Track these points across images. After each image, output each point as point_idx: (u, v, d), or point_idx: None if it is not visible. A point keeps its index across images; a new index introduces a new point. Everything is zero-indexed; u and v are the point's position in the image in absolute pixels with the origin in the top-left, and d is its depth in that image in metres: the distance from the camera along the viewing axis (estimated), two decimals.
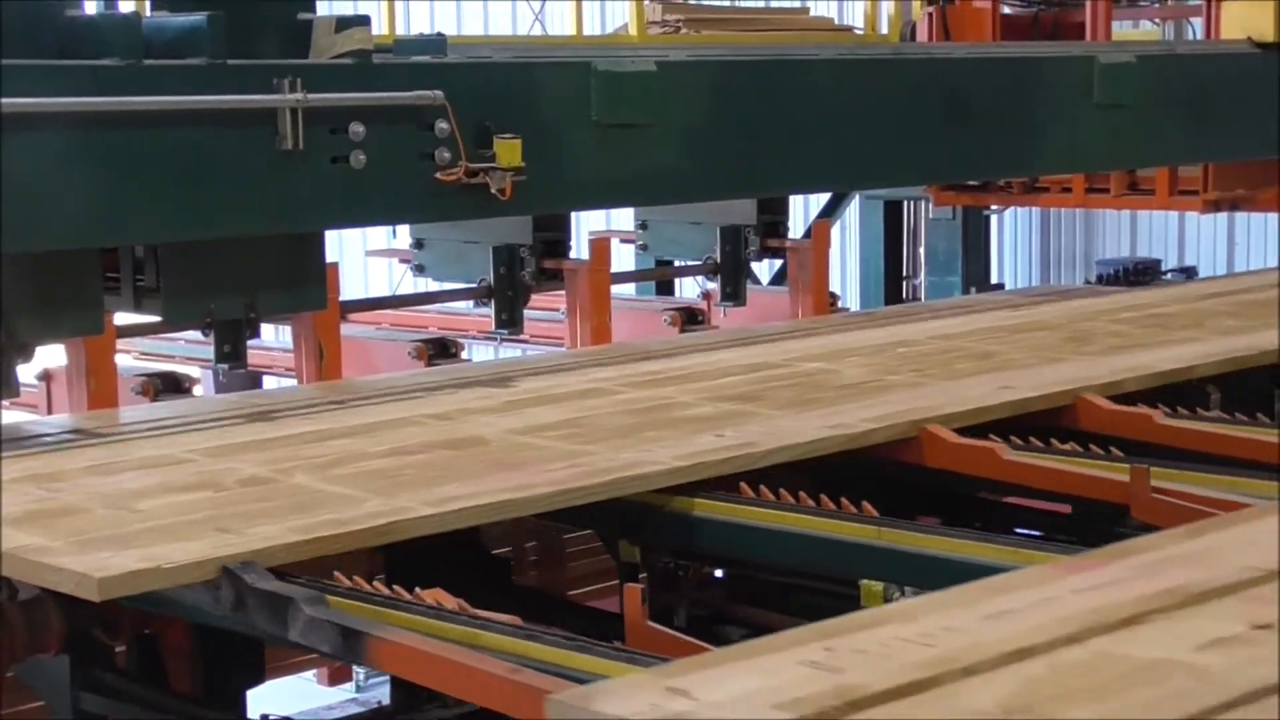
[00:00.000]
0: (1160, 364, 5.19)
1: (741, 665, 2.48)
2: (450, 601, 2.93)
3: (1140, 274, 8.97)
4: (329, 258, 4.89)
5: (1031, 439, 4.40)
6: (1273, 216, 10.19)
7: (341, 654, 2.82)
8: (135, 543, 3.14)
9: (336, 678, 5.37)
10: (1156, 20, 8.31)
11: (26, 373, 4.93)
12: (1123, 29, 7.89)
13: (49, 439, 4.39)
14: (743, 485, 3.84)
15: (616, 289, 7.49)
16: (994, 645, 2.44)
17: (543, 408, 4.68)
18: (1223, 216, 10.02)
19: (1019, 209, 9.79)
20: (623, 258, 8.52)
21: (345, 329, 6.50)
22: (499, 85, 4.61)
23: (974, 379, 5.08)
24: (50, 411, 5.57)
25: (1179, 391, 4.94)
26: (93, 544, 3.15)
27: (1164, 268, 10.60)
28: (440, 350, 6.63)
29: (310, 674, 5.01)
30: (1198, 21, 7.69)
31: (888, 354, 5.60)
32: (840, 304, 8.38)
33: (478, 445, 4.18)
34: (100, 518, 3.42)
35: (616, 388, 5.02)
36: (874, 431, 4.30)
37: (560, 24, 12.85)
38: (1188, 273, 10.39)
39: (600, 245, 7.33)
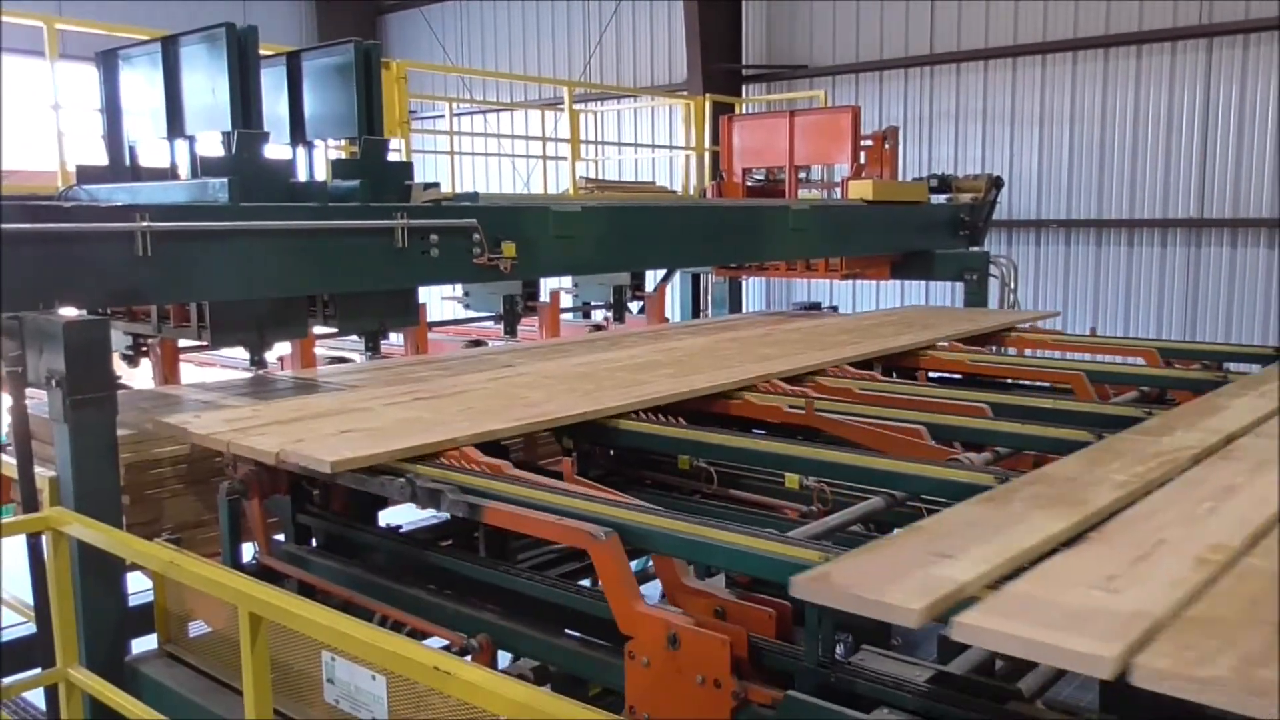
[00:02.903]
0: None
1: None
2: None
3: (812, 308, 9.11)
4: (421, 300, 4.80)
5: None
6: (873, 283, 10.37)
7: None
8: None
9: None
10: (818, 189, 8.39)
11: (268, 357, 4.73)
12: (804, 193, 7.95)
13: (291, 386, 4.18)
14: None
15: (562, 316, 7.42)
16: None
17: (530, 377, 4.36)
18: (850, 283, 10.12)
19: (755, 278, 9.82)
20: (565, 300, 8.41)
21: (429, 335, 6.38)
22: (504, 217, 4.54)
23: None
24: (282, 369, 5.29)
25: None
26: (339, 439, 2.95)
27: (823, 306, 10.77)
28: (475, 344, 6.53)
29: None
30: (838, 191, 7.79)
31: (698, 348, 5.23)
32: (671, 322, 8.37)
33: (504, 394, 3.87)
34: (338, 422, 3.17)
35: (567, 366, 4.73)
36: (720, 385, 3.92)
37: (536, 185, 12.72)
38: (834, 309, 10.51)
39: (555, 294, 7.27)
